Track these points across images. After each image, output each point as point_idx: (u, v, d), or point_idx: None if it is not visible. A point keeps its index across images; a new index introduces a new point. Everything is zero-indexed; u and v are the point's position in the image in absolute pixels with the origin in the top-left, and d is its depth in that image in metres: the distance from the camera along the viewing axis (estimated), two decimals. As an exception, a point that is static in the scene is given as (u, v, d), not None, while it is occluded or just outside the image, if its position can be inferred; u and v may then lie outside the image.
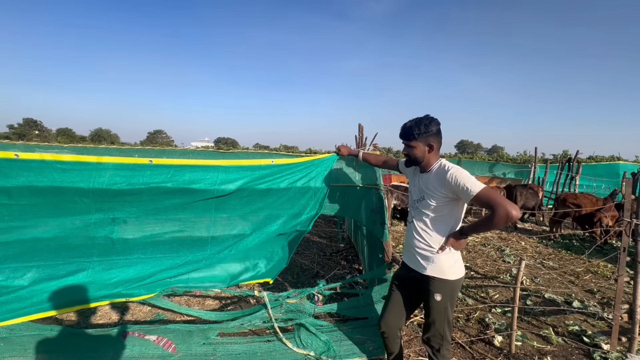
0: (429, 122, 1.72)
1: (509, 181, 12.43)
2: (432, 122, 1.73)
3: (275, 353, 2.42)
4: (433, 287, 1.74)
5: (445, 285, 1.73)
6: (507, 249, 5.54)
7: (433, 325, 1.80)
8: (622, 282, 2.58)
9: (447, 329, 1.81)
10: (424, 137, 1.73)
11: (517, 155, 21.47)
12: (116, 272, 2.32)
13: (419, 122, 1.72)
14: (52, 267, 2.23)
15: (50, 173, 2.05)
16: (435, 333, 1.80)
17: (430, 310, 1.78)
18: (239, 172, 2.33)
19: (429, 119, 1.74)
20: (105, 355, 2.26)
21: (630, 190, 2.55)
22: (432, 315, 1.79)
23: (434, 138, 1.74)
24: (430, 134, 1.73)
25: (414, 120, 1.75)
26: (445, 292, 1.73)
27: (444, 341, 1.81)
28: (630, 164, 13.27)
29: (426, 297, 1.79)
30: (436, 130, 1.74)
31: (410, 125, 1.74)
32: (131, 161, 2.16)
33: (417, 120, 1.74)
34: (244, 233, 2.44)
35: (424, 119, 1.73)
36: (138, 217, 2.32)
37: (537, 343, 2.75)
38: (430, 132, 1.72)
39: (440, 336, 1.81)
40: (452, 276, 1.73)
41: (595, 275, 4.50)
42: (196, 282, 2.46)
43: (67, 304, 2.24)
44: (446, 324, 1.79)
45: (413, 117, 1.79)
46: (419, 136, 1.72)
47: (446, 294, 1.74)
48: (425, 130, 1.71)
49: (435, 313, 1.77)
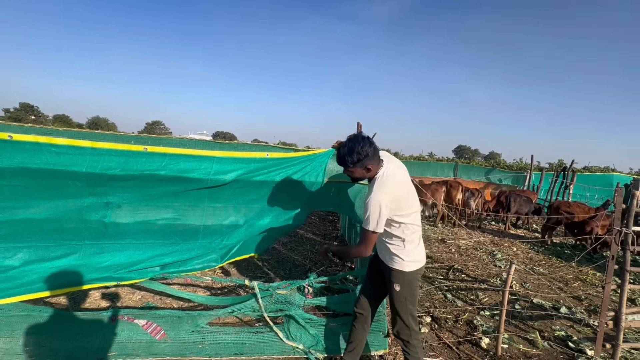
0: (360, 149, 1.73)
1: (503, 187, 12.52)
2: (364, 147, 1.73)
3: (264, 345, 2.43)
4: (393, 277, 1.87)
5: (403, 276, 1.84)
6: (499, 254, 5.59)
7: (398, 316, 1.92)
8: (609, 289, 2.62)
9: (412, 319, 1.91)
10: (358, 164, 1.76)
11: (513, 162, 21.62)
12: (108, 256, 2.32)
13: (351, 152, 1.73)
14: (44, 249, 2.22)
15: (44, 156, 2.04)
16: (401, 324, 1.92)
17: (393, 300, 1.91)
18: (233, 164, 2.33)
19: (360, 145, 1.73)
20: (93, 339, 2.26)
21: (621, 199, 2.58)
22: (394, 305, 1.91)
23: (370, 160, 1.76)
24: (365, 159, 1.74)
25: (346, 149, 1.76)
26: (403, 282, 1.85)
27: (411, 331, 1.92)
28: (624, 175, 13.42)
29: (389, 287, 1.91)
30: (370, 152, 1.75)
31: (344, 155, 1.76)
32: (126, 148, 2.15)
33: (350, 149, 1.74)
34: (237, 224, 2.45)
35: (356, 148, 1.73)
36: (131, 203, 2.31)
37: (523, 346, 2.78)
38: (365, 157, 1.74)
39: (407, 327, 1.91)
40: (408, 268, 1.84)
41: (584, 282, 4.56)
42: (187, 267, 2.45)
43: (57, 286, 2.23)
44: (409, 314, 1.90)
45: (349, 140, 1.79)
46: (354, 164, 1.76)
47: (404, 285, 1.86)
48: (358, 159, 1.74)
49: (397, 303, 1.89)
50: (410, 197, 1.85)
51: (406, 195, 1.81)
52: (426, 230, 7.13)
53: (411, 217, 1.83)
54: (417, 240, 1.89)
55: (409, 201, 1.82)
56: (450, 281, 4.22)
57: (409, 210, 1.82)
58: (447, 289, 3.94)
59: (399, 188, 1.78)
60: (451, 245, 6.03)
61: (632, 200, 2.55)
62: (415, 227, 1.86)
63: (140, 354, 2.25)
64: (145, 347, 2.30)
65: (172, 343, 2.34)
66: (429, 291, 3.83)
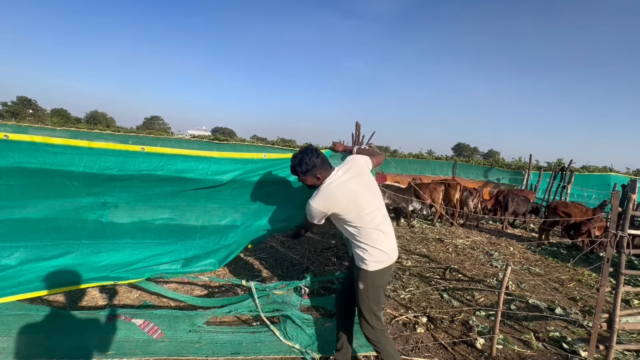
0: (309, 159, 1.85)
1: (501, 186, 12.55)
2: (311, 158, 1.86)
3: (261, 344, 2.45)
4: (358, 276, 1.93)
5: (367, 275, 1.89)
6: (496, 254, 5.62)
7: (361, 315, 1.98)
8: (603, 291, 2.64)
9: (375, 319, 1.96)
10: (308, 174, 1.89)
11: (512, 161, 21.64)
12: (105, 255, 2.32)
13: (301, 163, 1.87)
14: (41, 248, 2.22)
15: (41, 155, 2.03)
16: (365, 323, 1.97)
17: (357, 299, 1.97)
18: (230, 164, 2.33)
19: (308, 157, 1.86)
20: (90, 338, 2.27)
21: (617, 202, 2.59)
22: (358, 304, 1.97)
23: (319, 169, 1.88)
24: (313, 169, 1.87)
25: (297, 160, 1.89)
26: (366, 282, 1.90)
27: (376, 330, 1.96)
28: (622, 175, 13.47)
29: (355, 286, 1.97)
30: (318, 162, 1.87)
31: (294, 166, 1.91)
32: (123, 148, 2.15)
33: (300, 160, 1.88)
34: (234, 224, 2.45)
35: (305, 159, 1.86)
36: (128, 203, 2.31)
37: (517, 347, 2.81)
38: (313, 167, 1.86)
39: (370, 326, 1.96)
40: (371, 267, 1.89)
41: (580, 283, 4.59)
42: (185, 269, 2.46)
43: (54, 285, 2.24)
44: (372, 313, 1.94)
45: (300, 152, 1.91)
46: (304, 174, 1.89)
47: (367, 284, 1.90)
48: (307, 169, 1.87)
49: (360, 301, 1.95)
50: (362, 203, 1.85)
51: (354, 204, 1.84)
52: (424, 230, 7.16)
53: (367, 221, 1.86)
54: (381, 241, 1.89)
55: (359, 207, 1.84)
56: (447, 281, 4.24)
57: (363, 214, 1.85)
58: (444, 289, 3.96)
59: (340, 198, 1.82)
60: (448, 244, 6.06)
61: (628, 204, 2.56)
62: (374, 231, 1.87)
63: (137, 353, 2.26)
64: (143, 346, 2.31)
65: (169, 342, 2.36)
66: (426, 291, 3.85)
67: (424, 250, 5.61)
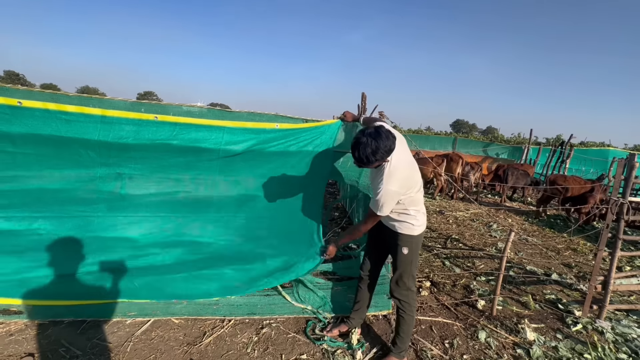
0: (385, 146, 1.68)
1: (500, 161, 12.61)
2: (387, 143, 1.68)
3: (274, 306, 2.57)
4: (402, 241, 1.96)
5: (412, 240, 1.95)
6: (495, 225, 5.78)
7: (401, 278, 2.03)
8: (601, 255, 2.77)
9: (412, 280, 2.06)
10: (384, 159, 1.75)
11: (511, 137, 21.64)
12: (122, 228, 2.36)
13: (376, 152, 1.67)
14: (59, 219, 2.27)
15: (55, 123, 2.03)
16: (403, 285, 2.04)
17: (399, 263, 2.01)
18: (244, 134, 2.32)
19: (383, 142, 1.67)
20: (113, 299, 2.37)
21: (621, 170, 2.65)
22: (400, 267, 2.01)
23: (393, 151, 1.74)
24: (390, 153, 1.73)
25: (369, 150, 1.67)
26: (411, 245, 1.96)
27: (409, 292, 2.06)
28: (620, 150, 13.55)
29: (396, 251, 2.00)
30: (395, 144, 1.73)
31: (367, 157, 1.69)
32: (136, 116, 2.14)
33: (374, 150, 1.67)
34: (251, 194, 2.48)
35: (380, 147, 1.66)
36: (143, 174, 2.33)
37: (516, 308, 2.97)
38: (389, 151, 1.72)
39: (407, 288, 2.05)
40: (416, 231, 1.96)
41: (575, 252, 4.77)
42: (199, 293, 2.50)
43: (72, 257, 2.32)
44: (411, 275, 2.04)
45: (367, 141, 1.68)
46: (380, 160, 1.73)
47: (412, 248, 1.97)
48: (382, 157, 1.71)
49: (403, 265, 2.00)
50: (414, 176, 1.89)
51: (411, 177, 1.86)
52: (425, 203, 7.28)
53: (416, 190, 1.92)
54: (423, 204, 2.01)
55: (413, 180, 1.89)
56: (448, 249, 4.39)
57: (415, 187, 1.91)
58: (445, 256, 4.11)
59: (405, 174, 1.82)
60: (449, 216, 6.20)
61: (631, 172, 2.62)
62: (421, 197, 1.97)
63: (158, 314, 2.38)
64: (164, 307, 2.43)
65: (188, 304, 2.48)
66: (428, 258, 3.99)
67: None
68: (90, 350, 2.07)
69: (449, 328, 2.60)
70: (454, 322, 2.67)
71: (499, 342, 2.45)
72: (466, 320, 2.72)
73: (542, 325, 2.72)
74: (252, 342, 2.24)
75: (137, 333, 2.24)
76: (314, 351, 2.21)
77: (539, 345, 2.42)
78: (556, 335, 2.59)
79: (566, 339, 2.54)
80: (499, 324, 2.67)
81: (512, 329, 2.61)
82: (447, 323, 2.66)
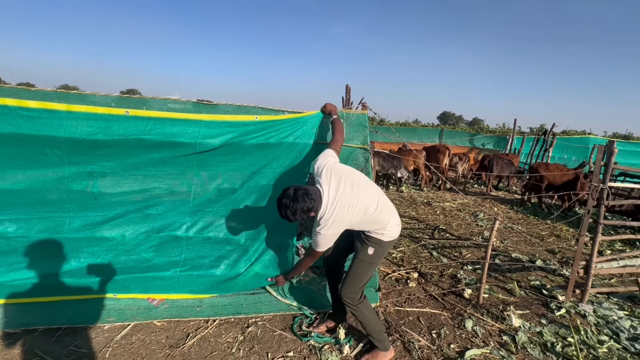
0: (304, 206, 1.73)
1: (486, 151, 12.81)
2: (305, 204, 1.72)
3: (261, 304, 2.52)
4: (369, 241, 1.94)
5: (380, 243, 1.94)
6: (481, 214, 5.85)
7: (353, 279, 1.98)
8: (582, 241, 2.81)
9: (363, 286, 2.04)
10: (307, 216, 1.79)
11: (496, 127, 21.99)
12: (96, 228, 2.25)
13: (295, 214, 1.74)
14: (27, 222, 2.15)
15: (15, 120, 1.90)
16: (354, 288, 1.99)
17: (358, 264, 1.98)
18: (221, 128, 2.23)
19: (301, 204, 1.72)
20: (90, 306, 2.28)
21: (601, 156, 2.68)
22: (357, 269, 1.98)
23: (317, 206, 1.77)
24: (311, 210, 1.76)
25: (290, 211, 1.74)
26: (377, 247, 1.95)
27: (362, 298, 2.04)
28: (600, 138, 13.94)
29: (360, 250, 1.97)
30: (315, 203, 1.75)
31: (288, 217, 1.76)
32: (106, 111, 2.03)
33: (294, 212, 1.74)
34: (231, 187, 2.39)
35: (298, 208, 1.72)
36: (115, 172, 2.21)
37: (502, 295, 3.01)
38: (310, 209, 1.75)
39: (358, 293, 2.01)
40: (386, 238, 1.94)
41: (558, 238, 4.87)
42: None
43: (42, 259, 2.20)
44: (365, 280, 2.02)
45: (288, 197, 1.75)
46: (298, 219, 1.77)
47: (377, 250, 1.95)
48: (306, 215, 1.77)
49: (362, 266, 1.98)
50: (365, 203, 1.82)
51: (356, 209, 1.81)
52: (412, 195, 7.32)
53: (373, 210, 1.84)
54: (387, 218, 1.92)
55: (362, 207, 1.82)
56: (436, 240, 4.42)
57: (369, 210, 1.83)
58: (433, 247, 4.13)
59: (342, 214, 1.78)
60: (436, 207, 6.24)
61: (610, 158, 2.66)
62: (386, 214, 1.90)
63: (138, 318, 2.30)
64: (144, 312, 2.34)
65: (170, 307, 2.39)
66: (416, 249, 4.01)
67: (413, 213, 5.77)
68: (66, 357, 1.99)
69: (437, 318, 2.60)
70: (441, 312, 2.68)
71: (486, 329, 2.47)
72: (453, 309, 2.73)
73: (527, 311, 2.76)
74: (238, 342, 2.19)
75: (116, 338, 2.15)
76: (301, 348, 2.17)
77: (524, 331, 2.45)
78: (541, 320, 2.63)
79: (550, 323, 2.58)
80: (485, 312, 2.69)
81: (498, 317, 2.63)
82: (434, 313, 2.66)
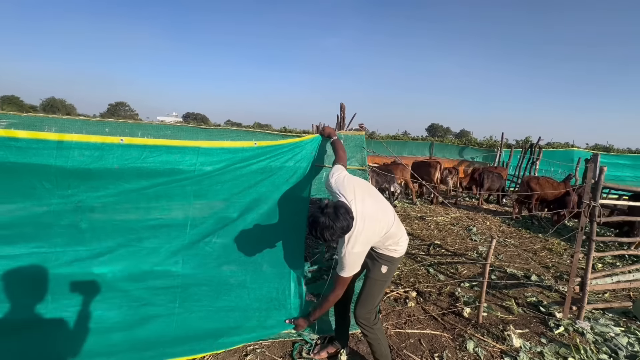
0: (345, 226, 1.63)
1: (476, 164, 13.07)
2: (346, 222, 1.62)
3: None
4: (382, 259, 1.92)
5: (392, 260, 1.94)
6: (474, 228, 5.91)
7: (369, 299, 1.94)
8: (577, 258, 2.86)
9: (378, 306, 2.02)
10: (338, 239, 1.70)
11: (484, 140, 22.51)
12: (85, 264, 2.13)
13: (334, 234, 1.62)
14: (3, 258, 2.01)
15: (2, 151, 1.83)
16: (370, 308, 1.94)
17: (371, 283, 1.95)
18: (220, 155, 2.19)
19: (340, 223, 1.60)
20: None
21: (591, 175, 2.77)
22: (371, 288, 1.95)
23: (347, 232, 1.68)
24: (350, 227, 1.67)
25: (329, 233, 1.61)
26: (390, 265, 1.94)
27: (377, 319, 2.00)
28: (583, 150, 14.40)
29: (373, 269, 1.94)
30: (353, 220, 1.66)
31: (326, 239, 1.64)
32: (99, 140, 1.97)
33: (332, 234, 1.62)
34: (230, 216, 2.34)
35: (337, 228, 1.60)
36: (106, 204, 2.11)
37: (500, 313, 3.01)
38: (348, 227, 1.66)
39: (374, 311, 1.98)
40: (397, 254, 1.95)
41: (550, 252, 4.94)
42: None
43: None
44: (380, 299, 2.01)
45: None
46: (335, 240, 1.69)
47: (390, 268, 1.94)
48: (337, 237, 1.67)
49: (376, 285, 1.95)
50: (383, 221, 1.82)
51: (379, 225, 1.79)
52: (406, 209, 7.36)
53: (389, 227, 1.85)
54: (400, 232, 1.95)
55: (384, 225, 1.82)
56: (432, 256, 4.43)
57: (387, 228, 1.84)
58: (429, 264, 4.14)
59: (369, 233, 1.75)
60: (430, 222, 6.29)
61: (600, 176, 2.74)
62: (397, 229, 1.91)
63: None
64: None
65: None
66: (413, 268, 4.00)
67: (407, 228, 5.79)
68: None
69: (438, 340, 2.58)
70: (442, 334, 2.66)
71: (487, 351, 2.45)
72: (454, 330, 2.71)
73: (527, 330, 2.76)
74: (236, 373, 2.12)
75: (108, 373, 2.05)
76: (302, 377, 2.11)
77: (525, 351, 2.44)
78: (540, 339, 2.63)
79: (550, 342, 2.58)
80: (486, 332, 2.68)
81: (499, 337, 2.63)
82: (435, 335, 2.64)
